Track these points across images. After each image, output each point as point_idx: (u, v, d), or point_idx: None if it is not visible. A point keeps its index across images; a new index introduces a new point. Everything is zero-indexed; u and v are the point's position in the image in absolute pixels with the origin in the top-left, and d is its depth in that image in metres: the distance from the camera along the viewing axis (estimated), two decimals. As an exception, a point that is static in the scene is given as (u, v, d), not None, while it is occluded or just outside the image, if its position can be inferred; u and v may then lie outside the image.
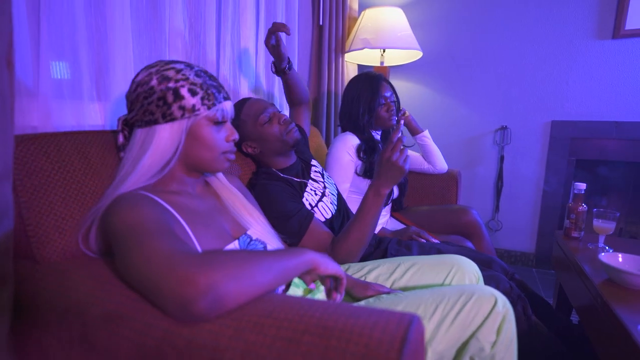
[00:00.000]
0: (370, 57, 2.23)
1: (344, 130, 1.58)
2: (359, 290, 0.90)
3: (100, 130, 0.85)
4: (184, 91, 0.70)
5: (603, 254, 1.08)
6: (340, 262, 1.02)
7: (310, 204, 1.15)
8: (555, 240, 1.47)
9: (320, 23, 1.98)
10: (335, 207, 1.24)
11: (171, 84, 0.69)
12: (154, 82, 0.69)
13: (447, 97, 2.43)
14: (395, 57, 2.23)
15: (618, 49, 2.04)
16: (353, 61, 2.29)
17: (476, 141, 2.41)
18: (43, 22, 0.82)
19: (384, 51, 2.12)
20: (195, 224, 0.69)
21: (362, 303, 0.83)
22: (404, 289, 0.94)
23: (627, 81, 2.05)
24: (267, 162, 1.19)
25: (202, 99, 0.71)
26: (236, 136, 0.77)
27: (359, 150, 1.47)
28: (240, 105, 1.14)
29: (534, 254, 2.38)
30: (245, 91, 1.58)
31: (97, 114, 0.97)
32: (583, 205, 1.35)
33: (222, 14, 1.41)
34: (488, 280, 0.99)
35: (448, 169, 1.86)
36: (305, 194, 1.16)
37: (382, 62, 2.15)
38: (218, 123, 0.74)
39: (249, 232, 0.81)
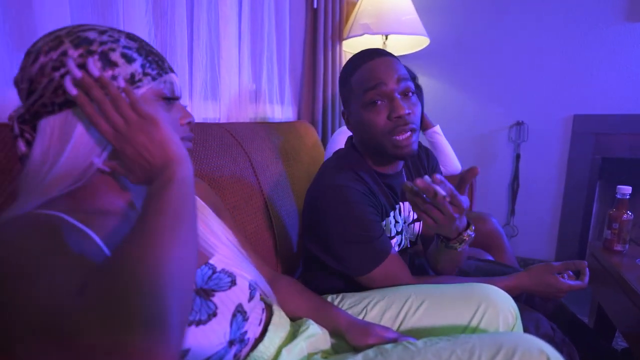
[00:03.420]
0: (371, 45, 2.00)
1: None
2: (356, 335, 0.68)
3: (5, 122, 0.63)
4: (115, 56, 0.49)
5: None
6: None
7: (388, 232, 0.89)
8: (592, 253, 1.24)
9: (315, 6, 1.75)
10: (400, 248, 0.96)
11: (94, 47, 0.48)
12: (68, 45, 0.47)
13: (457, 89, 2.20)
14: (399, 46, 2.01)
15: (651, 33, 1.81)
16: (352, 50, 2.06)
17: (489, 138, 2.19)
18: None
19: (386, 38, 1.90)
20: None
21: (359, 357, 0.61)
22: (417, 332, 0.72)
23: (661, 69, 1.82)
24: (363, 151, 0.89)
25: (143, 66, 0.51)
26: (192, 118, 0.58)
27: None
28: (356, 59, 0.83)
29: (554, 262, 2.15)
30: (226, 83, 1.36)
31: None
32: (628, 213, 1.12)
33: (194, -13, 1.19)
34: (525, 319, 0.77)
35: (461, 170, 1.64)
36: (389, 218, 0.89)
37: (384, 51, 1.93)
38: (167, 99, 0.54)
39: (211, 261, 0.59)
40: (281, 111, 1.72)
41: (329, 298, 0.83)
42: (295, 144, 1.46)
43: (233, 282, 0.59)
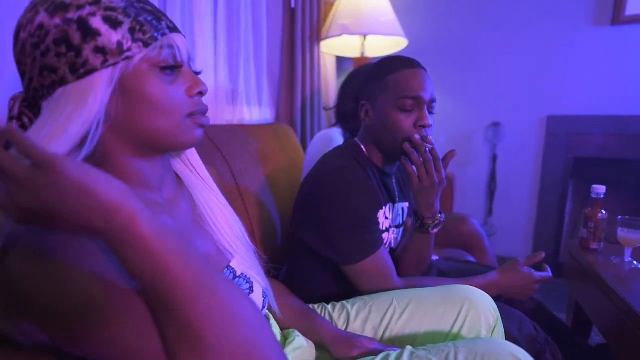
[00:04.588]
0: (349, 47, 1.99)
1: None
2: (340, 347, 0.66)
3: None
4: (96, 21, 0.41)
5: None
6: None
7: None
8: (570, 252, 1.27)
9: (292, 6, 1.73)
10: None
11: (71, 14, 0.40)
12: (43, 16, 0.40)
13: (434, 90, 2.21)
14: (377, 47, 2.00)
15: (618, 36, 1.87)
16: (330, 52, 2.05)
17: (466, 139, 2.21)
18: None
19: (364, 39, 1.89)
20: None
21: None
22: (401, 340, 0.70)
23: (628, 71, 1.88)
24: (369, 144, 0.92)
25: (132, 31, 0.42)
26: (204, 87, 0.47)
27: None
28: (400, 61, 0.87)
29: (531, 260, 2.20)
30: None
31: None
32: (603, 212, 1.15)
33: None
34: (508, 321, 0.77)
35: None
36: (381, 212, 0.88)
37: (362, 53, 1.92)
38: (168, 68, 0.45)
39: (232, 264, 0.55)
40: (259, 113, 1.68)
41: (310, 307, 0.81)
42: (274, 146, 1.43)
43: (251, 289, 0.55)
